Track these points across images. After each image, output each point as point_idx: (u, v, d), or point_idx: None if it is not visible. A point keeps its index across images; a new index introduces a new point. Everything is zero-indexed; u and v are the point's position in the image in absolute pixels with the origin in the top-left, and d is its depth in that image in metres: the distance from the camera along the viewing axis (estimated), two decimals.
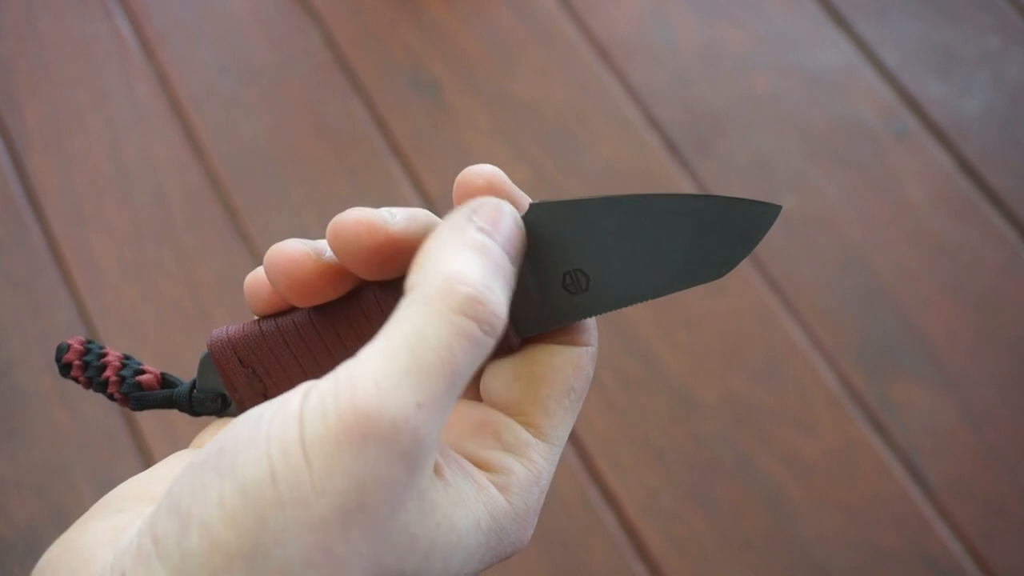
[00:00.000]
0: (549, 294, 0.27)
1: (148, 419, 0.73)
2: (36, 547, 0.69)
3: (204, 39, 0.87)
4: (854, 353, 0.74)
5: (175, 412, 0.77)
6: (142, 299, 0.78)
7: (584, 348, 0.28)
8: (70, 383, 0.74)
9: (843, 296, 0.76)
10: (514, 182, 0.29)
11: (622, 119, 0.83)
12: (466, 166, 0.29)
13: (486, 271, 0.24)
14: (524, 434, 0.27)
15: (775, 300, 0.76)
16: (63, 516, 0.70)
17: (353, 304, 0.27)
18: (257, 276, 0.28)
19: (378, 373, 0.22)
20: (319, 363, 0.27)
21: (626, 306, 0.26)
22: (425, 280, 0.23)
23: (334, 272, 0.27)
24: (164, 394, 0.28)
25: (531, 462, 0.27)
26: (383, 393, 0.21)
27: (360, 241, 0.26)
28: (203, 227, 0.80)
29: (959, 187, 0.80)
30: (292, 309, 0.28)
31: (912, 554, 0.69)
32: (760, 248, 0.77)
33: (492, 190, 0.27)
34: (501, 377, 0.27)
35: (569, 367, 0.27)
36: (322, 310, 0.27)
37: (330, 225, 0.26)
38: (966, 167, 0.81)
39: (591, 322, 0.28)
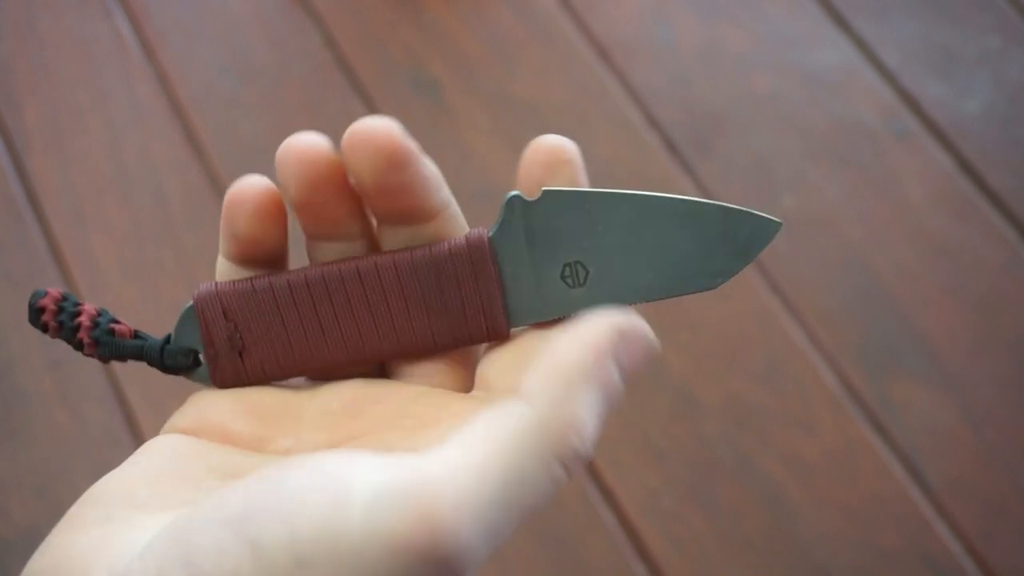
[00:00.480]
0: (546, 284, 0.26)
1: (148, 419, 0.73)
2: (36, 547, 0.69)
3: (204, 39, 0.87)
4: (854, 353, 0.74)
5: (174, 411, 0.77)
6: (142, 299, 0.78)
7: (608, 324, 0.25)
8: (70, 383, 0.74)
9: (843, 296, 0.76)
10: (514, 183, 0.29)
11: (622, 119, 0.83)
12: (466, 166, 0.29)
13: (602, 419, 0.22)
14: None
15: (775, 300, 0.76)
16: (63, 516, 0.70)
17: (354, 278, 0.26)
18: (242, 189, 0.27)
19: (463, 494, 0.20)
20: (308, 337, 0.27)
21: (620, 305, 0.26)
22: (546, 407, 0.21)
23: (349, 190, 0.25)
24: (135, 344, 0.27)
25: None
26: (462, 519, 0.20)
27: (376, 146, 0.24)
28: (203, 227, 0.80)
29: (959, 187, 0.80)
30: (286, 271, 0.27)
31: (912, 554, 0.69)
32: None
33: (564, 166, 0.26)
34: (498, 365, 0.26)
35: (578, 348, 0.24)
36: (321, 278, 0.26)
37: (347, 133, 0.25)
38: (966, 167, 0.81)
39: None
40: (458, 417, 0.24)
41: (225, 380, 0.27)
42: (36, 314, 0.27)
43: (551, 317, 0.27)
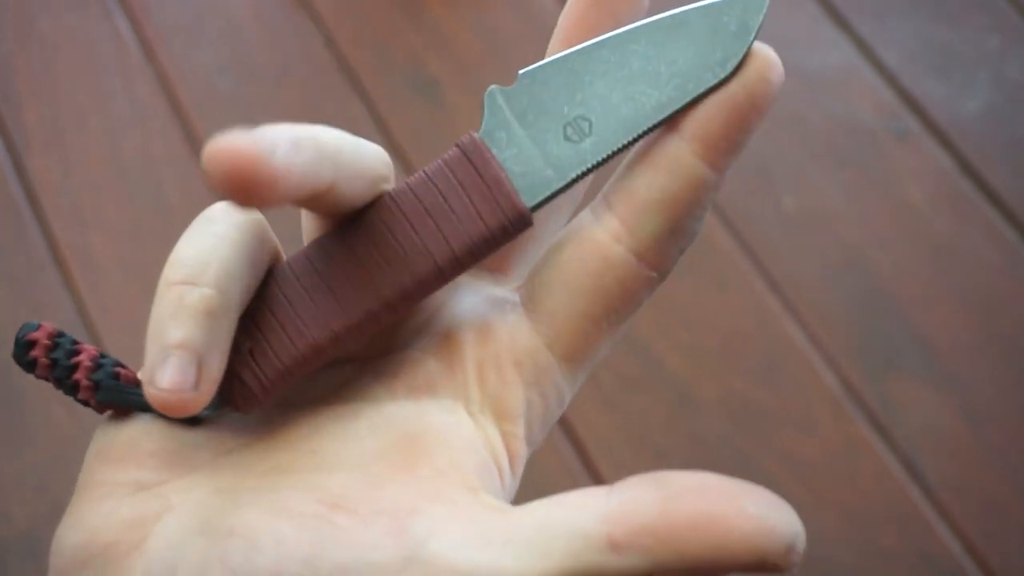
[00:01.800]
0: (552, 151, 0.26)
1: None
2: (36, 547, 0.69)
3: (204, 39, 0.87)
4: (854, 353, 0.74)
5: None
6: (142, 299, 0.78)
7: (653, 275, 0.24)
8: None
9: (843, 296, 0.76)
10: None
11: None
12: None
13: None
14: (544, 357, 0.25)
15: (775, 300, 0.76)
16: (62, 515, 0.70)
17: (357, 223, 0.25)
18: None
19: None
20: (318, 305, 0.25)
21: (636, 137, 0.25)
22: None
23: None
24: (142, 392, 0.24)
25: (549, 389, 0.25)
26: None
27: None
28: None
29: (959, 187, 0.80)
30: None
31: (912, 554, 0.69)
32: (760, 248, 0.78)
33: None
34: (547, 276, 0.25)
35: (621, 289, 0.24)
36: (318, 243, 0.25)
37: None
38: (966, 167, 0.81)
39: (674, 250, 0.25)
40: (492, 340, 0.25)
41: (250, 399, 0.24)
42: (24, 348, 0.24)
43: (568, 179, 0.25)
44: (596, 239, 0.25)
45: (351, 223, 0.25)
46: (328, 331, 0.24)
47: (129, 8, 0.89)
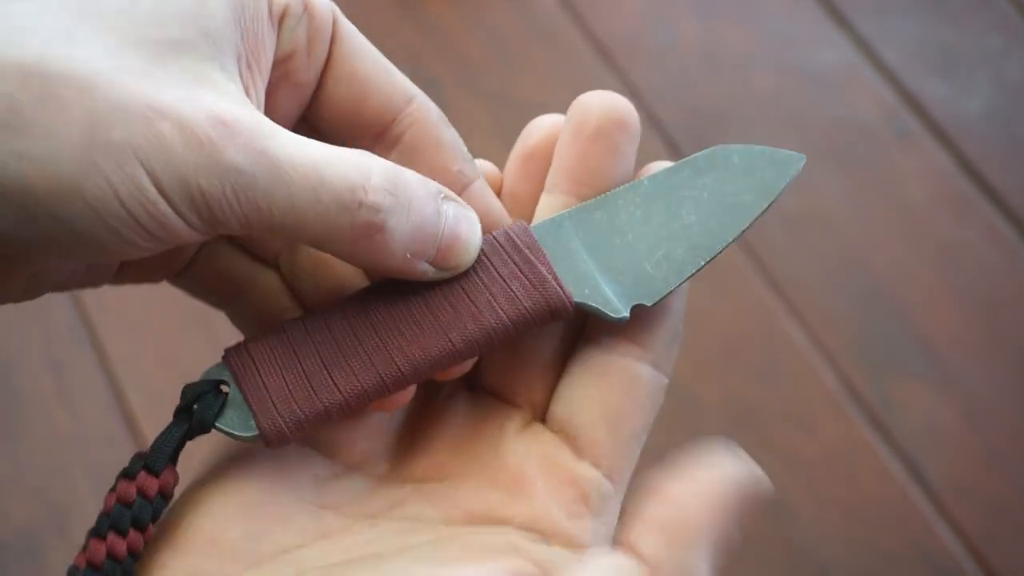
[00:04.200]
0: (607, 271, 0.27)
1: (148, 419, 0.72)
2: (34, 547, 0.69)
3: None
4: (854, 353, 0.74)
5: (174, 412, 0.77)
6: (142, 299, 0.77)
7: (665, 381, 0.27)
8: (70, 383, 0.74)
9: (843, 296, 0.76)
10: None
11: None
12: None
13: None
14: (607, 487, 0.26)
15: (776, 300, 0.76)
16: (62, 517, 0.70)
17: (403, 289, 0.26)
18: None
19: None
20: (340, 368, 0.25)
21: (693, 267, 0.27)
22: (671, 572, 0.22)
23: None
24: (173, 434, 0.25)
25: (611, 518, 0.26)
26: None
27: None
28: None
29: (960, 187, 0.80)
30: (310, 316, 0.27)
31: (913, 554, 0.68)
32: (760, 248, 0.78)
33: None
34: (587, 410, 0.26)
35: (650, 401, 0.27)
36: (346, 305, 0.26)
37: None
38: (967, 167, 0.81)
39: (674, 352, 0.28)
40: (555, 474, 0.26)
41: (281, 438, 0.25)
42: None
43: (671, 288, 0.27)
44: (617, 364, 0.26)
45: (390, 283, 0.26)
46: (356, 388, 0.25)
47: None
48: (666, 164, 0.28)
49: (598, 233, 0.27)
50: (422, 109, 0.27)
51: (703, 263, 0.27)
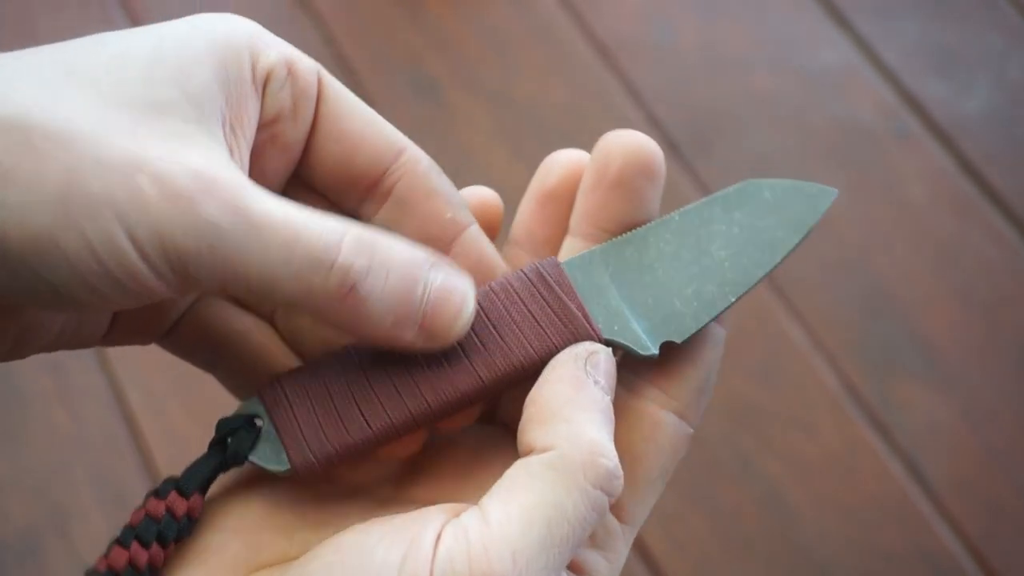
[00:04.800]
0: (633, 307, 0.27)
1: (148, 419, 0.72)
2: (35, 547, 0.69)
3: None
4: (854, 353, 0.74)
5: (175, 412, 0.77)
6: None
7: (690, 431, 0.27)
8: (70, 383, 0.74)
9: (843, 296, 0.76)
10: (514, 182, 0.29)
11: (622, 119, 0.83)
12: (466, 166, 0.29)
13: (611, 436, 0.24)
14: (614, 525, 0.26)
15: (775, 300, 0.76)
16: (62, 516, 0.70)
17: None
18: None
19: (516, 544, 0.22)
20: (367, 406, 0.26)
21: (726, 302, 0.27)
22: (566, 447, 0.23)
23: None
24: (208, 463, 0.26)
25: (615, 555, 0.26)
26: (519, 567, 0.21)
27: None
28: None
29: (960, 187, 0.80)
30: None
31: (912, 554, 0.68)
32: None
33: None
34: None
35: (670, 449, 0.27)
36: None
37: None
38: (967, 167, 0.81)
39: (703, 404, 0.28)
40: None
41: (311, 469, 0.26)
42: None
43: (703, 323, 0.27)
44: (641, 408, 0.27)
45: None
46: (385, 424, 0.26)
47: (129, 8, 0.89)
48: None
49: (628, 269, 0.27)
50: (412, 160, 0.27)
51: (733, 300, 0.27)
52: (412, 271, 0.24)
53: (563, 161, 0.28)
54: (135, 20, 0.88)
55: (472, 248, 0.27)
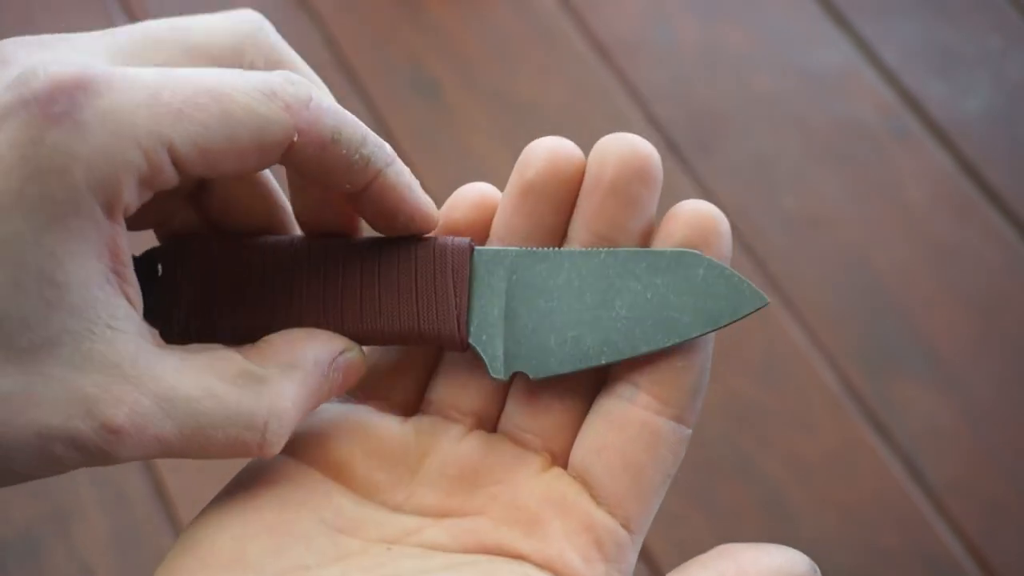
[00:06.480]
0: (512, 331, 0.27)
1: None
2: (35, 547, 0.69)
3: None
4: (854, 353, 0.74)
5: None
6: None
7: (688, 432, 0.27)
8: None
9: (843, 296, 0.76)
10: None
11: (622, 119, 0.83)
12: (466, 166, 0.29)
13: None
14: (623, 536, 0.26)
15: (775, 300, 0.76)
16: (62, 516, 0.70)
17: (340, 252, 0.28)
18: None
19: None
20: (278, 299, 0.27)
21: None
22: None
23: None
24: None
25: (626, 565, 0.26)
26: None
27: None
28: None
29: (959, 187, 0.80)
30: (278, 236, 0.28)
31: (912, 554, 0.68)
32: (760, 248, 0.78)
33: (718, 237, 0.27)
34: (608, 462, 0.26)
35: (672, 455, 0.27)
36: (308, 246, 0.28)
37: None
38: (966, 167, 0.81)
39: (699, 405, 0.27)
40: (572, 517, 0.26)
41: (181, 323, 0.27)
42: None
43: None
44: (639, 417, 0.26)
45: (342, 244, 0.28)
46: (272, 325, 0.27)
47: (129, 8, 0.89)
48: (697, 204, 0.27)
49: (529, 286, 0.26)
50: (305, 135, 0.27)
51: (604, 362, 0.26)
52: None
53: (541, 152, 0.28)
54: (135, 20, 0.88)
55: (391, 194, 0.28)
